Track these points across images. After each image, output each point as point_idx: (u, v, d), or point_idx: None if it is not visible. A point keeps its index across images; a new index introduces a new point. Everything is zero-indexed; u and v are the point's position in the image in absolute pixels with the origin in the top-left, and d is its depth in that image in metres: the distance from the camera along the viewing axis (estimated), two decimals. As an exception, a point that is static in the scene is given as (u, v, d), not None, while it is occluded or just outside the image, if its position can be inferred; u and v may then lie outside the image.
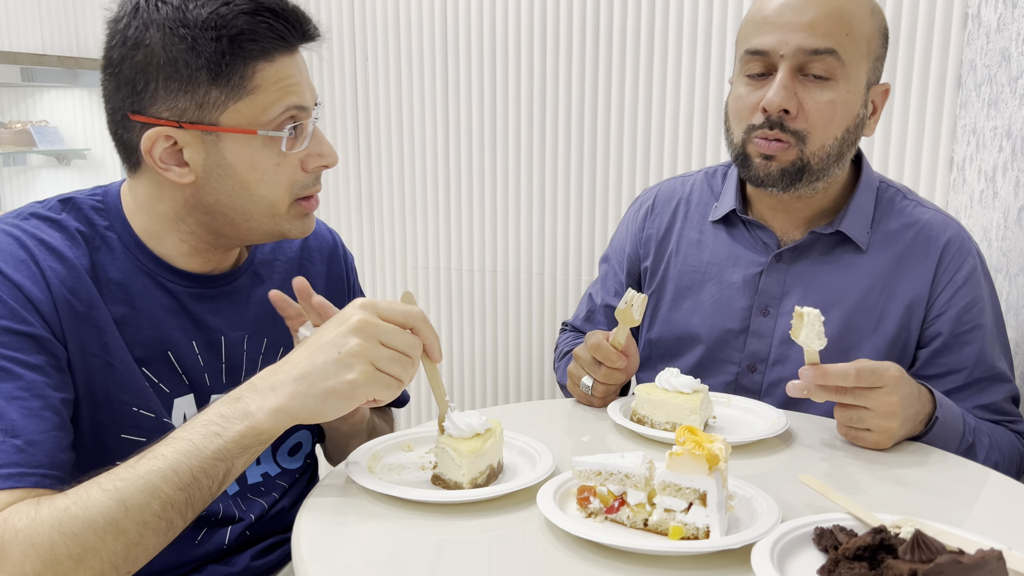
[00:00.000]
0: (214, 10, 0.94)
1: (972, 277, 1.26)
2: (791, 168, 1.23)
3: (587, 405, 1.29)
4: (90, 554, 0.81)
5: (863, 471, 1.04)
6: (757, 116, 1.23)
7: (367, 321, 0.87)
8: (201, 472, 0.85)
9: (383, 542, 0.86)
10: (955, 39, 2.10)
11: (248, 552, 1.14)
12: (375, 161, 2.79)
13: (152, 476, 0.83)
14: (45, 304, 0.94)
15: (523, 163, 2.62)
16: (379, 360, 0.87)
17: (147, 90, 0.96)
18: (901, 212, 1.31)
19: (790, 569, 0.76)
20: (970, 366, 1.24)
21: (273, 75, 0.97)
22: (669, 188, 1.48)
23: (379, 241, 2.84)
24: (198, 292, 1.09)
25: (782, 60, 1.20)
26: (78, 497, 0.83)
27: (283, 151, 1.00)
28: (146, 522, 0.83)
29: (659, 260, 1.44)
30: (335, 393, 0.86)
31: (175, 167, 0.99)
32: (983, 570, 0.66)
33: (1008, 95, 1.59)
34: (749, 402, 1.25)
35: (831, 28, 1.19)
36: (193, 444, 0.85)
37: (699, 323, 1.37)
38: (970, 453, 1.16)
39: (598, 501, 0.87)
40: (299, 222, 1.07)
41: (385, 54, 2.71)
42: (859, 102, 1.24)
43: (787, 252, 1.31)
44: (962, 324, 1.24)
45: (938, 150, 2.17)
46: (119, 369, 1.00)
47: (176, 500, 0.84)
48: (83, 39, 3.13)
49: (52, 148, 3.25)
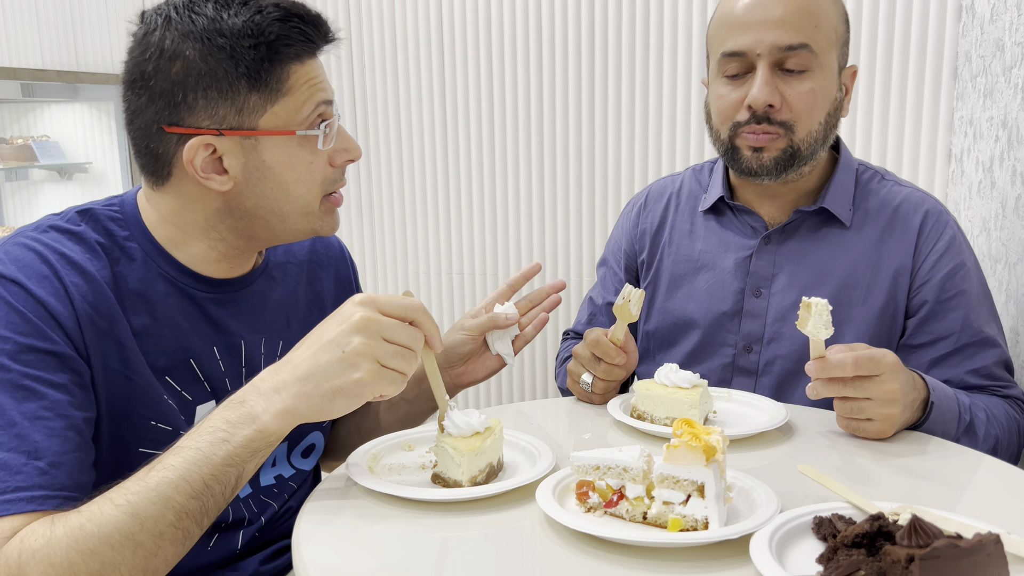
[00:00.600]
0: (248, 18, 0.96)
1: (952, 245, 1.29)
2: (783, 156, 1.27)
3: (587, 402, 1.29)
4: (109, 569, 0.81)
5: (862, 461, 1.04)
6: (742, 113, 1.27)
7: (369, 318, 0.87)
8: (213, 479, 0.85)
9: (383, 541, 0.86)
10: (950, 31, 2.11)
11: (256, 556, 1.15)
12: (375, 167, 2.80)
13: (164, 487, 0.83)
14: (69, 320, 0.94)
15: (521, 168, 2.63)
16: (383, 356, 0.87)
17: (185, 101, 0.97)
18: (880, 191, 1.35)
19: (789, 558, 0.76)
20: (957, 331, 1.26)
21: (304, 76, 1.01)
22: (660, 185, 1.53)
23: (380, 246, 2.85)
24: (218, 296, 1.10)
25: (759, 58, 1.24)
26: (91, 514, 0.83)
27: (319, 148, 1.03)
28: (162, 533, 0.83)
29: (654, 252, 1.47)
30: (342, 392, 0.86)
31: (215, 175, 1.00)
32: (980, 554, 0.66)
33: (1003, 85, 1.59)
34: (749, 396, 1.25)
35: (801, 23, 1.22)
36: (202, 452, 0.85)
37: (694, 308, 1.39)
38: (970, 432, 1.16)
39: (597, 496, 0.87)
40: (329, 218, 1.09)
41: (383, 62, 2.72)
42: (834, 87, 1.29)
43: (775, 233, 1.35)
44: (946, 291, 1.27)
45: (936, 142, 2.17)
46: (139, 383, 1.00)
47: (190, 509, 0.84)
48: (82, 54, 3.15)
49: (54, 162, 3.27)
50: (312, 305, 1.23)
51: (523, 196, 2.65)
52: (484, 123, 2.64)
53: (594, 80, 2.50)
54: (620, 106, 2.49)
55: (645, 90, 2.46)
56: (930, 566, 0.64)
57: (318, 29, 1.02)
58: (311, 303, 1.23)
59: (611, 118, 2.51)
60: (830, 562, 0.72)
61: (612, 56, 2.47)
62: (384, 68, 2.72)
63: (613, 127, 2.51)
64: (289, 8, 1.00)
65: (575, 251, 2.63)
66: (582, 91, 2.52)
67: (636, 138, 2.49)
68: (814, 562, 0.74)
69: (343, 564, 0.82)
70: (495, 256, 2.72)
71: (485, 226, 2.71)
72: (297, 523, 0.90)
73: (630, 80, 2.47)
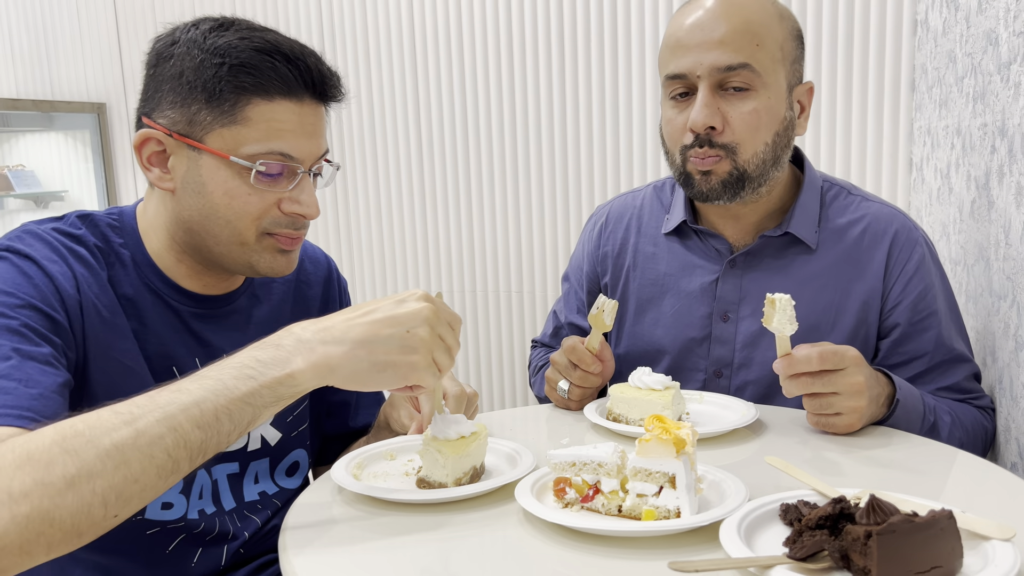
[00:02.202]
0: (230, 40, 1.00)
1: (922, 266, 1.30)
2: (729, 179, 1.26)
3: (565, 408, 1.32)
4: (84, 479, 0.74)
5: (830, 453, 1.08)
6: (687, 136, 1.26)
7: (437, 313, 0.91)
8: (226, 413, 0.81)
9: (371, 543, 0.88)
10: (906, 45, 2.18)
11: (241, 572, 1.16)
12: (351, 187, 2.83)
13: (172, 408, 0.79)
14: (72, 301, 0.98)
15: (497, 187, 2.68)
16: (436, 350, 0.91)
17: (155, 97, 1.04)
18: (847, 208, 1.34)
19: (757, 543, 0.80)
20: (931, 351, 1.28)
21: (267, 114, 1.01)
22: (620, 204, 1.51)
23: (357, 266, 2.88)
24: (200, 312, 1.13)
25: (700, 80, 1.23)
26: (88, 417, 0.78)
27: (251, 183, 1.03)
28: (153, 456, 0.77)
29: (617, 275, 1.46)
30: (393, 367, 0.88)
31: (157, 169, 1.05)
32: (934, 528, 0.70)
33: (956, 94, 1.66)
34: (721, 398, 1.28)
35: (742, 43, 1.22)
36: (223, 383, 0.82)
37: (663, 334, 1.39)
38: (933, 432, 1.20)
39: (574, 491, 0.90)
40: (269, 256, 1.08)
41: (357, 81, 2.76)
42: (783, 106, 1.27)
43: (740, 257, 1.34)
44: (918, 312, 1.28)
45: (897, 152, 2.24)
46: (138, 376, 1.04)
47: (191, 439, 0.79)
48: (57, 83, 3.16)
49: (29, 191, 3.27)
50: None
51: (499, 217, 2.69)
52: (460, 140, 2.69)
53: (565, 95, 2.56)
54: (591, 122, 2.55)
55: (615, 104, 2.51)
56: (887, 540, 0.68)
57: (304, 75, 1.02)
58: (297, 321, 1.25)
59: (583, 132, 2.56)
60: (795, 544, 0.75)
61: (582, 70, 2.53)
62: (359, 84, 2.76)
63: (585, 140, 2.56)
64: (278, 45, 1.01)
65: (550, 263, 2.67)
66: (554, 105, 2.57)
67: (608, 153, 2.55)
68: (781, 545, 0.78)
69: (331, 566, 0.84)
70: (473, 274, 2.76)
71: (463, 243, 2.75)
72: (283, 529, 0.92)
73: (600, 95, 2.52)
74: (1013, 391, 1.25)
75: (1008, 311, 1.28)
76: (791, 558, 0.74)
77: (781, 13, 1.27)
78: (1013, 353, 1.25)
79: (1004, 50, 1.30)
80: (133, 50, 3.03)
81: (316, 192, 1.10)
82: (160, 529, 1.09)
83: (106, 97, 3.14)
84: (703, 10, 1.24)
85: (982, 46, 1.44)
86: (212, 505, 1.13)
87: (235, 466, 1.16)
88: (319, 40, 2.77)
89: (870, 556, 0.69)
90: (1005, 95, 1.29)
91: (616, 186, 2.55)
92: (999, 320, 1.33)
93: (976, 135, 1.48)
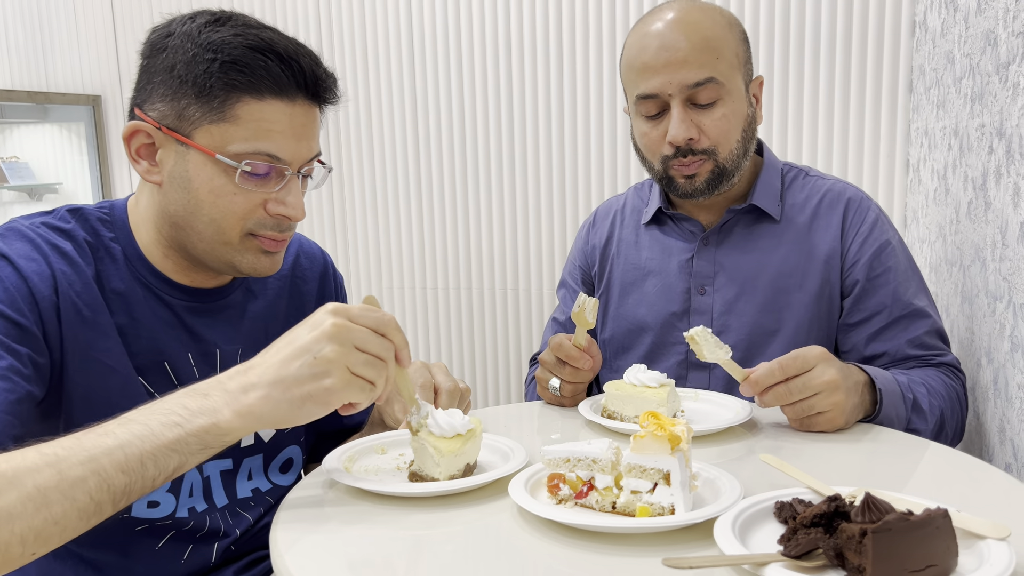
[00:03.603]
0: (224, 36, 0.99)
1: (876, 226, 1.39)
2: (712, 176, 1.36)
3: (558, 406, 1.32)
4: (3, 519, 0.73)
5: (825, 451, 1.07)
6: (666, 148, 1.35)
7: (341, 326, 0.86)
8: (151, 459, 0.80)
9: (364, 537, 0.88)
10: (904, 46, 2.18)
11: (231, 568, 1.15)
12: (348, 184, 2.82)
13: (97, 451, 0.78)
14: (47, 302, 0.96)
15: (494, 184, 2.67)
16: (355, 365, 0.86)
17: (146, 89, 1.03)
18: (804, 186, 1.45)
19: (752, 540, 0.79)
20: (889, 305, 1.34)
21: (257, 113, 1.00)
22: (607, 205, 1.63)
23: (353, 263, 2.87)
24: (193, 306, 1.12)
25: (671, 98, 1.32)
26: (12, 457, 0.76)
27: (236, 183, 1.01)
28: (76, 499, 0.76)
29: (604, 264, 1.55)
30: (311, 399, 0.85)
31: (145, 162, 1.04)
32: (930, 527, 0.70)
33: (954, 95, 1.65)
34: (716, 395, 1.29)
35: (703, 58, 1.30)
36: (150, 429, 0.81)
37: (645, 312, 1.46)
38: (917, 409, 1.22)
39: (568, 488, 0.89)
40: (252, 257, 1.07)
41: (355, 78, 2.75)
42: (745, 104, 1.37)
43: (712, 234, 1.44)
44: (874, 269, 1.36)
45: (895, 153, 2.24)
46: (121, 375, 1.02)
47: (115, 483, 0.78)
48: (52, 74, 3.14)
49: (23, 184, 3.26)
50: (293, 319, 1.24)
51: (496, 213, 2.69)
52: (456, 138, 2.68)
53: (563, 93, 2.55)
54: (588, 120, 2.54)
55: (613, 104, 2.51)
56: (882, 539, 0.68)
57: (296, 76, 1.01)
58: (292, 317, 1.24)
59: (580, 130, 2.56)
60: (789, 541, 0.75)
61: (580, 67, 2.53)
62: (356, 81, 2.75)
63: (583, 138, 2.56)
64: (273, 44, 1.00)
65: (547, 261, 2.67)
66: (551, 103, 2.57)
67: (605, 150, 2.54)
68: (775, 543, 0.77)
69: (323, 560, 0.83)
70: (469, 271, 2.75)
71: (459, 240, 2.74)
72: (275, 524, 0.91)
73: (597, 92, 2.52)
74: (1008, 392, 1.25)
75: (1004, 312, 1.28)
76: (785, 556, 0.73)
77: (729, 21, 1.36)
78: (1008, 354, 1.25)
79: (1003, 51, 1.30)
80: (129, 42, 3.02)
81: (310, 191, 1.09)
82: (148, 526, 1.08)
83: (101, 89, 3.12)
84: (662, 32, 1.31)
85: (981, 47, 1.44)
86: (203, 502, 1.12)
87: (228, 462, 1.15)
88: (316, 35, 2.76)
89: (865, 554, 0.68)
90: (1003, 96, 1.29)
91: (612, 184, 2.55)
92: (995, 321, 1.33)
93: (974, 136, 1.47)
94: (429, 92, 2.68)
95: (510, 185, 2.66)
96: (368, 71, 2.74)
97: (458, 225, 2.74)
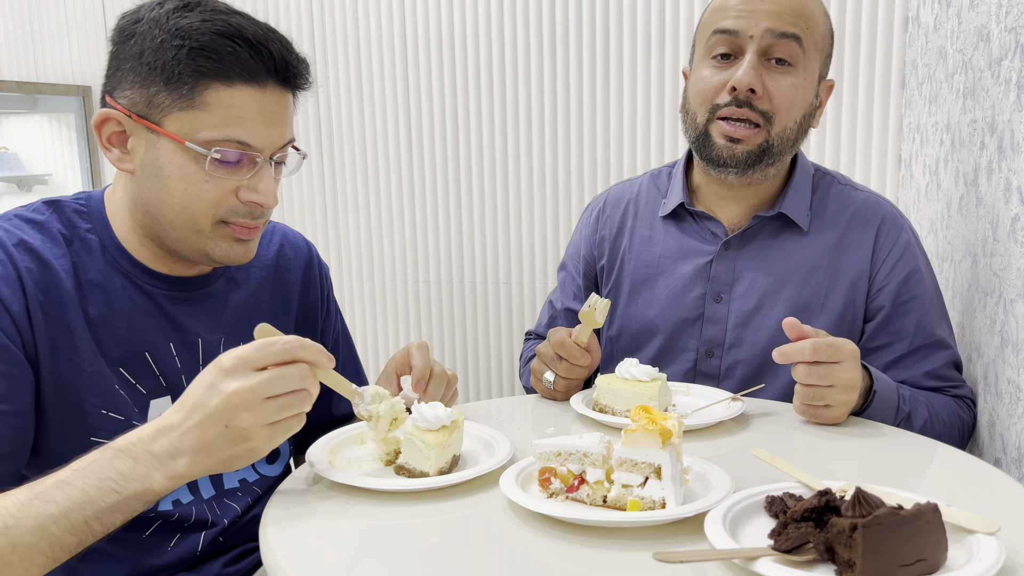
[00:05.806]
0: (192, 22, 0.98)
1: (908, 250, 1.33)
2: (756, 151, 1.29)
3: (550, 399, 1.32)
4: None
5: (816, 445, 1.08)
6: (723, 96, 1.28)
7: (242, 390, 0.84)
8: (96, 520, 0.84)
9: (353, 530, 0.88)
10: (897, 41, 2.18)
11: (219, 560, 1.15)
12: (339, 176, 2.81)
13: (43, 519, 0.82)
14: (16, 305, 0.96)
15: (487, 178, 2.66)
16: (271, 415, 0.86)
17: (116, 75, 1.01)
18: (837, 196, 1.39)
19: (743, 534, 0.79)
20: (911, 334, 1.31)
21: (226, 100, 0.99)
22: (618, 191, 1.54)
23: (345, 256, 2.86)
24: (174, 295, 1.11)
25: (751, 41, 1.26)
26: None
27: (207, 170, 1.00)
28: (33, 559, 0.82)
29: (614, 258, 1.48)
30: (239, 459, 0.87)
31: (117, 150, 1.03)
32: (919, 521, 0.70)
33: (946, 90, 1.66)
34: (707, 389, 1.28)
35: (794, 17, 1.26)
36: (88, 496, 0.84)
37: (656, 314, 1.41)
38: (907, 424, 1.21)
39: (559, 481, 0.89)
40: (225, 244, 1.06)
41: (347, 69, 2.74)
42: (812, 91, 1.32)
43: (735, 239, 1.37)
44: (902, 295, 1.31)
45: (887, 148, 2.25)
46: (87, 371, 1.01)
47: (66, 543, 0.83)
48: (42, 65, 3.12)
49: (12, 174, 3.23)
50: (277, 308, 1.24)
51: (488, 205, 2.68)
52: (448, 131, 2.67)
53: (556, 85, 2.55)
54: (582, 111, 2.54)
55: (606, 95, 2.50)
56: (872, 533, 0.68)
57: (266, 61, 1.00)
58: (276, 306, 1.24)
59: (573, 123, 2.55)
60: (780, 536, 0.75)
61: (574, 60, 2.52)
62: (348, 74, 2.74)
63: (575, 131, 2.55)
64: (241, 29, 0.99)
65: (528, 257, 2.66)
66: (544, 96, 2.56)
67: (598, 143, 2.54)
68: (766, 537, 0.77)
69: (314, 555, 0.83)
70: (462, 264, 2.75)
71: (451, 233, 2.74)
72: (264, 518, 0.91)
73: (591, 85, 2.51)
74: (998, 387, 1.26)
75: (995, 307, 1.28)
76: (776, 550, 0.73)
77: (824, 11, 1.33)
78: (999, 349, 1.25)
79: (995, 46, 1.30)
80: (119, 33, 2.99)
81: (300, 182, 1.08)
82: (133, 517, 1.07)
83: (91, 80, 3.10)
84: None
85: (973, 42, 1.44)
86: (189, 494, 1.12)
87: None
88: (308, 26, 2.75)
89: (855, 548, 0.68)
90: (996, 91, 1.29)
91: (607, 177, 2.54)
92: (985, 316, 1.33)
93: (966, 131, 1.48)
94: (421, 84, 2.67)
95: (502, 178, 2.65)
96: (360, 63, 2.72)
97: (450, 218, 2.73)
